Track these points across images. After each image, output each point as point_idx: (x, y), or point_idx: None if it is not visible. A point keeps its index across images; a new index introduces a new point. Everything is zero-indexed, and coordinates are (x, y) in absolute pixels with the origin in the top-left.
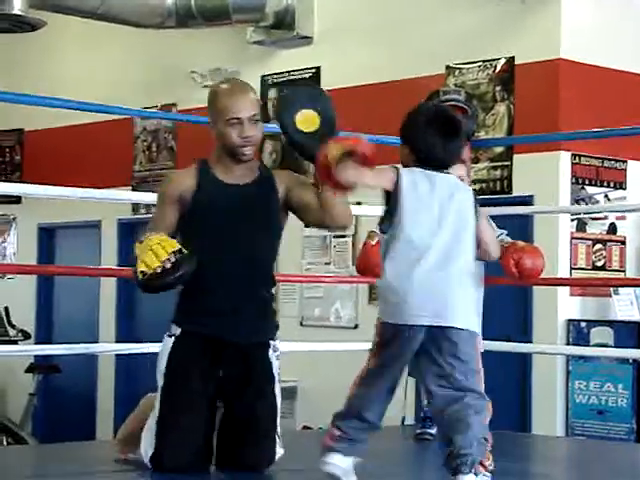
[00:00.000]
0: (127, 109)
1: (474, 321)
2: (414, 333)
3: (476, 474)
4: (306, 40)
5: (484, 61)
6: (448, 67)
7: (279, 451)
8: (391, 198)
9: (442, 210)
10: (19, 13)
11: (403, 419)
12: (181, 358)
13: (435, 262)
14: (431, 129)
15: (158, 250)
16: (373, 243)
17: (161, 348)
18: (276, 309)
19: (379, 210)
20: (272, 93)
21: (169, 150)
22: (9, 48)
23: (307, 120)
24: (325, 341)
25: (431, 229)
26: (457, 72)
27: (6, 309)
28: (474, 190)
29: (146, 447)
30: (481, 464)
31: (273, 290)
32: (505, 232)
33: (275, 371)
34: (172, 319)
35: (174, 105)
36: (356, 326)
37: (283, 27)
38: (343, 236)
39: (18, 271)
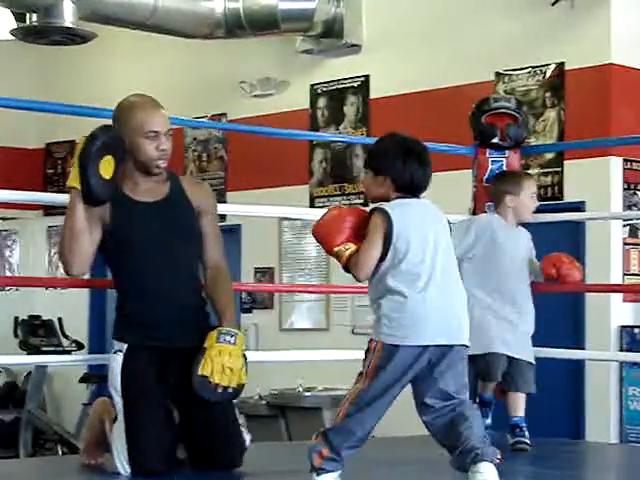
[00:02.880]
0: (177, 119)
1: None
2: (425, 353)
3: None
4: (355, 48)
5: (534, 67)
6: (498, 74)
7: (247, 438)
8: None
9: (435, 234)
10: (70, 26)
11: None
12: (134, 372)
13: (440, 283)
14: (410, 158)
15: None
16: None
17: (110, 365)
18: (208, 312)
19: None
20: (321, 102)
21: (219, 160)
22: (60, 60)
23: (106, 167)
24: None
25: (429, 253)
26: (507, 79)
27: (59, 320)
28: None
29: (120, 460)
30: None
31: (202, 294)
32: None
33: None
34: (113, 336)
35: (224, 115)
36: None
37: (332, 36)
38: None
39: (70, 285)
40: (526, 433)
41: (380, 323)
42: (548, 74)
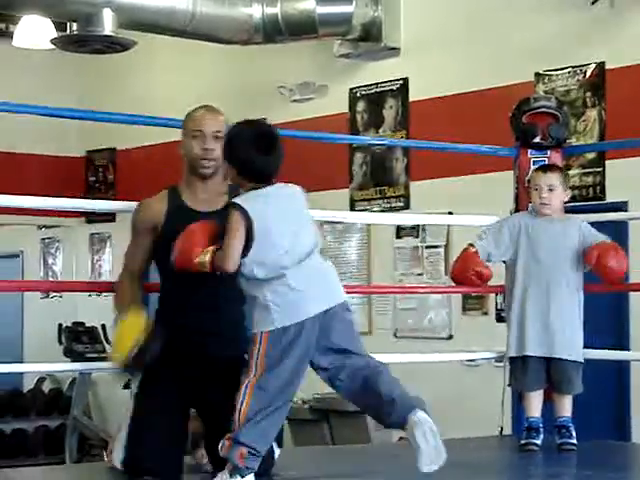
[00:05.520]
0: None
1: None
2: (314, 323)
3: None
4: (393, 51)
5: (574, 67)
6: (537, 74)
7: (276, 450)
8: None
9: (293, 219)
10: (110, 34)
11: (501, 430)
12: (156, 370)
13: (306, 262)
14: (252, 148)
15: (124, 338)
16: (473, 250)
17: None
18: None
19: (470, 219)
20: (360, 106)
21: None
22: (101, 68)
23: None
24: (419, 352)
25: (289, 239)
26: (546, 79)
27: (103, 327)
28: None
29: (119, 452)
30: None
31: (243, 307)
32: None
33: None
34: None
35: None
36: (450, 336)
37: (370, 39)
38: (436, 246)
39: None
40: (573, 434)
41: (266, 311)
42: (588, 74)
